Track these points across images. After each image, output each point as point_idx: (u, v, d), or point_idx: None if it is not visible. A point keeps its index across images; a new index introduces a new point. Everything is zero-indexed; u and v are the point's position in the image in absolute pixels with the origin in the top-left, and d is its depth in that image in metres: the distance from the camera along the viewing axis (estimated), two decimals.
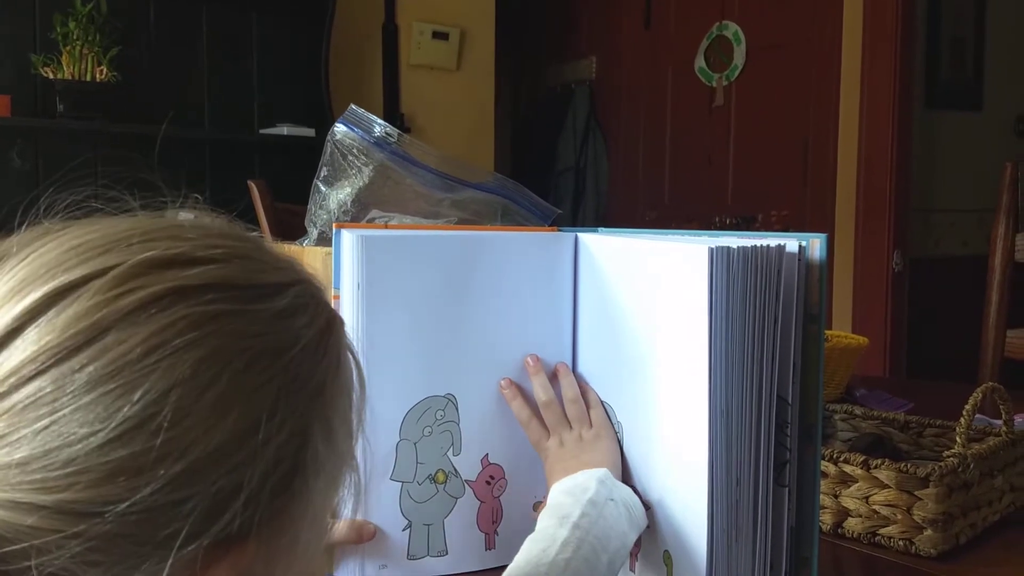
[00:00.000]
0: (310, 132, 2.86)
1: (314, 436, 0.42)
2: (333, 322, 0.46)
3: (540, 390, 0.84)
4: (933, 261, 3.16)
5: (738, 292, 0.69)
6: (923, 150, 3.08)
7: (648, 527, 0.76)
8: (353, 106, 1.08)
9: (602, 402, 0.84)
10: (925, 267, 3.11)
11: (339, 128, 1.09)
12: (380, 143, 1.10)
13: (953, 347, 2.59)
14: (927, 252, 3.16)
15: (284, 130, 2.86)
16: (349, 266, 0.81)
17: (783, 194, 3.18)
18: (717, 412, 0.69)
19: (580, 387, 0.85)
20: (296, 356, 0.42)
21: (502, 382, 0.85)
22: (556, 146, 3.95)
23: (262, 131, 2.92)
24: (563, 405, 0.84)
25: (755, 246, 0.70)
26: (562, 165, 3.94)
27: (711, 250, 0.68)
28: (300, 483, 0.41)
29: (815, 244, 0.76)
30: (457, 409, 0.83)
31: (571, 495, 0.71)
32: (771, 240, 0.72)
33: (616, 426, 0.82)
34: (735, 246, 0.69)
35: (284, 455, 0.40)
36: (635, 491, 0.77)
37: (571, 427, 0.82)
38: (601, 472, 0.75)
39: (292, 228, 1.86)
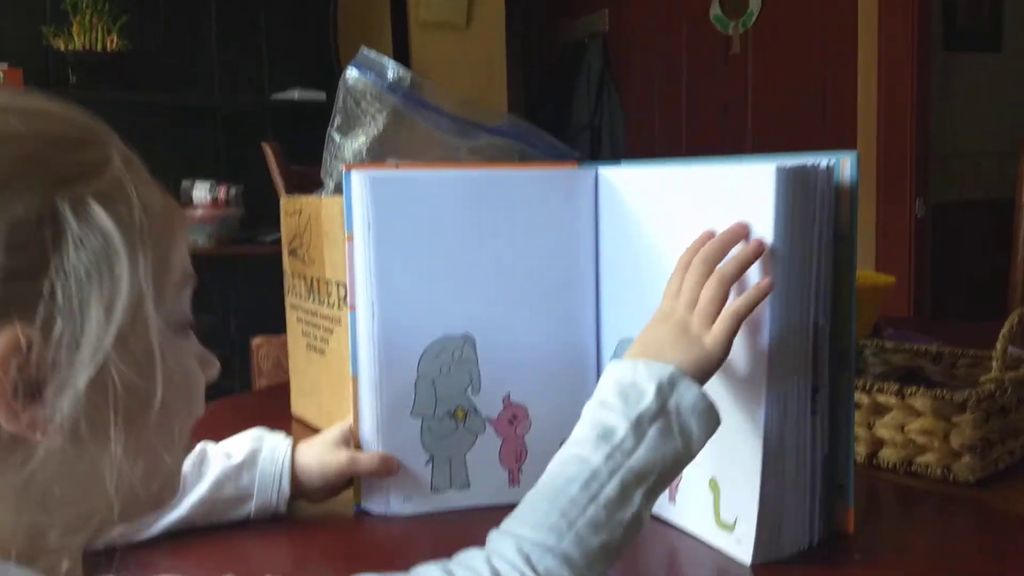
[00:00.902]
0: (321, 96, 2.84)
1: (65, 221, 0.44)
2: (109, 145, 0.48)
3: (688, 251, 0.71)
4: (954, 206, 3.11)
5: (795, 214, 0.68)
6: (942, 94, 3.02)
7: None
8: (364, 48, 1.06)
9: (632, 340, 0.82)
10: (946, 212, 3.06)
11: (351, 73, 1.07)
12: (393, 87, 1.08)
13: (977, 293, 2.55)
14: (948, 197, 3.11)
15: (295, 95, 2.84)
16: (359, 207, 0.80)
17: (802, 142, 3.13)
18: (773, 338, 0.68)
19: (743, 300, 0.67)
20: (38, 142, 0.45)
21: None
22: (570, 104, 3.91)
23: (273, 96, 2.90)
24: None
25: (803, 165, 0.68)
26: (576, 123, 3.90)
27: (779, 169, 0.66)
28: (60, 268, 0.43)
29: (845, 163, 0.73)
30: (475, 349, 0.83)
31: (624, 399, 0.63)
32: (804, 160, 0.70)
33: None
34: (793, 165, 0.67)
35: (26, 233, 0.43)
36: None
37: (691, 310, 0.68)
38: (667, 373, 0.64)
39: (307, 190, 1.84)
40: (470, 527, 0.79)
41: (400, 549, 0.78)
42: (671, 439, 0.62)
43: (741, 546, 0.70)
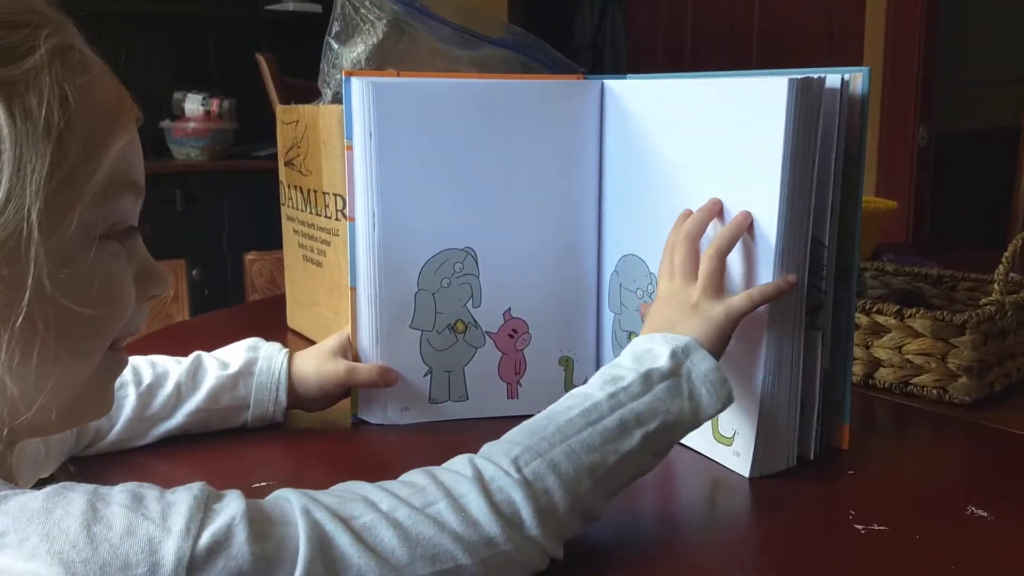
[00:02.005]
0: (316, 8, 2.78)
1: None
2: (41, 32, 0.46)
3: (676, 225, 0.72)
4: (959, 135, 3.08)
5: (806, 128, 0.67)
6: (953, 20, 2.97)
7: None
8: None
9: (635, 256, 0.82)
10: (951, 141, 3.03)
11: None
12: None
13: (976, 223, 2.55)
14: (954, 126, 3.07)
15: (290, 5, 2.78)
16: (360, 115, 0.79)
17: (807, 66, 3.08)
18: (778, 254, 0.67)
19: (772, 286, 0.67)
20: None
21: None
22: (572, 22, 3.82)
23: (267, 7, 2.83)
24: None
25: (814, 78, 0.67)
26: (578, 44, 3.82)
27: (791, 81, 0.65)
28: None
29: (856, 79, 0.72)
30: (477, 262, 0.82)
31: (637, 360, 0.63)
32: (812, 73, 0.69)
33: (647, 278, 0.80)
34: (798, 78, 0.66)
35: None
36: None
37: (693, 281, 0.69)
38: (683, 341, 0.63)
39: (303, 103, 1.82)
40: (467, 436, 0.80)
41: (397, 457, 0.78)
42: (679, 398, 0.61)
43: (739, 459, 0.71)
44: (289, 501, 0.48)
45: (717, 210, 0.71)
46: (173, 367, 0.77)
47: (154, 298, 0.54)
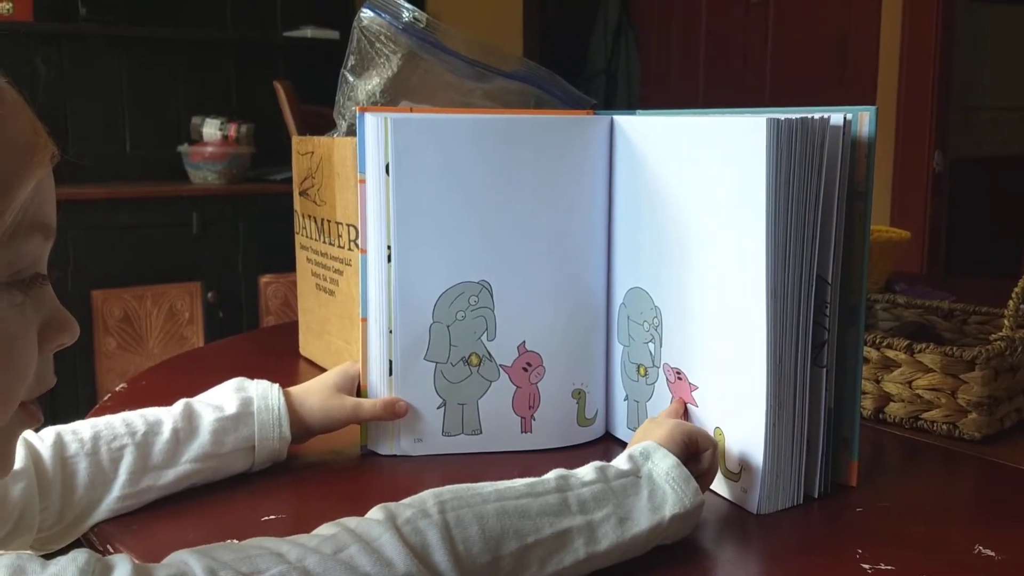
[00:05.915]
0: (334, 35, 2.81)
1: None
2: None
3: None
4: (974, 161, 3.08)
5: (793, 166, 0.67)
6: (967, 46, 2.97)
7: (697, 406, 0.76)
8: None
9: (640, 288, 0.83)
10: (966, 167, 3.03)
11: (365, 14, 1.06)
12: (408, 29, 1.06)
13: (993, 251, 2.54)
14: (968, 152, 3.07)
15: (308, 32, 2.81)
16: (374, 149, 0.80)
17: (821, 93, 3.09)
18: (769, 293, 0.68)
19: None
20: None
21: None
22: (586, 48, 3.85)
23: (286, 33, 2.87)
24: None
25: (804, 118, 0.68)
26: (592, 69, 3.85)
27: (770, 121, 0.65)
28: None
29: (863, 118, 0.72)
30: (492, 295, 0.83)
31: (597, 465, 0.64)
32: (815, 113, 0.69)
33: (653, 311, 0.81)
34: (792, 117, 0.66)
35: None
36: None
37: None
38: (641, 446, 0.65)
39: (320, 130, 1.84)
40: (481, 468, 0.80)
41: (409, 489, 0.78)
42: (635, 496, 0.60)
43: (746, 495, 0.71)
44: (187, 563, 0.45)
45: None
46: (165, 414, 0.74)
47: (61, 347, 0.49)
